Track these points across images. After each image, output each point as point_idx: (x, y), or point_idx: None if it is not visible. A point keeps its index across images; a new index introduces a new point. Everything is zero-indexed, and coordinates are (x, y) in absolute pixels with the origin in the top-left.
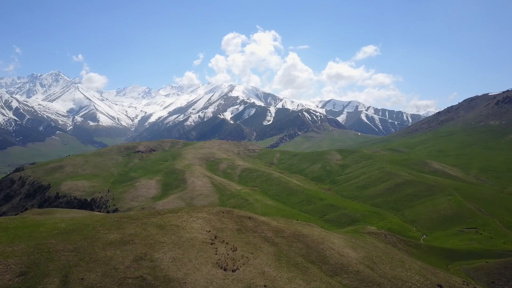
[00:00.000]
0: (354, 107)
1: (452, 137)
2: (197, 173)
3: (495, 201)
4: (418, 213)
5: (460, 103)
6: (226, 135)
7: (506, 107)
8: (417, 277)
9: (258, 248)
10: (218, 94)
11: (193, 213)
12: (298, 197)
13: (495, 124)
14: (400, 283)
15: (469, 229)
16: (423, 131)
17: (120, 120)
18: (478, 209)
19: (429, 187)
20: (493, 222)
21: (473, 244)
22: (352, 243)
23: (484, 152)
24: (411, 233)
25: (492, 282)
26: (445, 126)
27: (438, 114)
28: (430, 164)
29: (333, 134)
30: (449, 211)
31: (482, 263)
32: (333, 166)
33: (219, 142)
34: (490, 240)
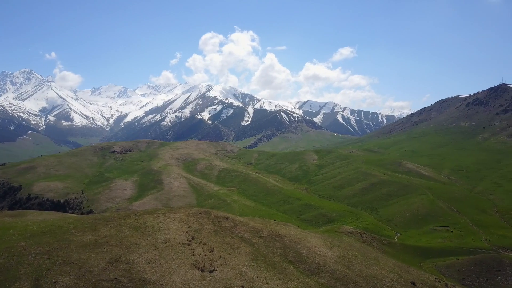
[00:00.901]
0: (331, 108)
1: (425, 137)
2: (174, 174)
3: (465, 200)
4: (393, 212)
5: (433, 104)
6: (203, 136)
7: (476, 109)
8: (391, 275)
9: (236, 248)
10: (195, 94)
11: (169, 214)
12: (276, 197)
13: (465, 125)
14: (375, 281)
15: (441, 228)
16: (398, 132)
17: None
18: (449, 208)
19: (403, 186)
20: (464, 221)
21: (445, 242)
22: (329, 242)
23: (456, 152)
24: (386, 232)
25: (463, 279)
26: (419, 127)
27: (411, 115)
28: (404, 164)
29: (310, 135)
30: (422, 210)
31: (453, 260)
32: (310, 166)
33: (196, 143)
34: (460, 238)
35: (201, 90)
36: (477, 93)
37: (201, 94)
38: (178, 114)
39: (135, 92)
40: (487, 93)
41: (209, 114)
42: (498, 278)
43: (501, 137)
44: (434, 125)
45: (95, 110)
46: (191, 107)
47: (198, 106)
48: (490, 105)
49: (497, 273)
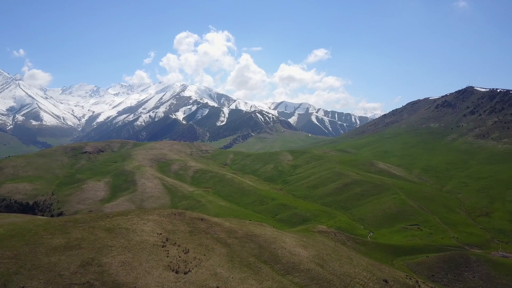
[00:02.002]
0: (305, 109)
1: (396, 138)
2: (147, 175)
3: (435, 199)
4: (366, 211)
5: (404, 106)
6: (178, 136)
7: (445, 110)
8: (364, 273)
9: (211, 249)
10: (170, 94)
11: (143, 216)
12: (251, 197)
13: (435, 127)
14: (348, 279)
15: (411, 226)
16: (370, 132)
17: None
18: (420, 207)
19: (376, 186)
20: (433, 219)
21: (415, 240)
22: (303, 242)
23: (426, 153)
24: (359, 231)
25: (432, 275)
26: (390, 128)
27: (384, 117)
28: (377, 164)
29: (285, 135)
30: (393, 209)
31: (423, 257)
32: (285, 167)
33: (170, 143)
34: (430, 235)
35: (175, 90)
36: (445, 95)
37: (175, 94)
38: (152, 114)
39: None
40: (455, 96)
41: (183, 114)
42: (466, 274)
43: (468, 138)
44: (405, 126)
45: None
46: (166, 107)
47: (173, 106)
48: (458, 107)
49: (464, 269)
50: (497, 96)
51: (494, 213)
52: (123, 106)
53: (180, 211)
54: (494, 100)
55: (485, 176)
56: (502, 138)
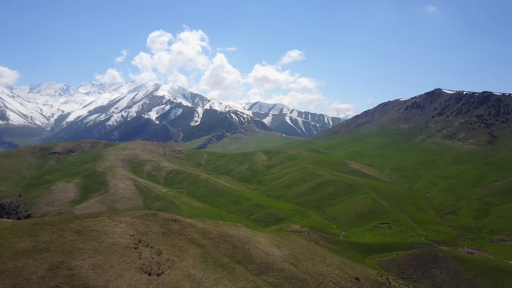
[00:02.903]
0: (279, 109)
1: (368, 139)
2: (119, 176)
3: (404, 198)
4: (338, 210)
5: (375, 107)
6: (151, 136)
7: (414, 112)
8: (337, 272)
9: (184, 250)
10: (142, 93)
11: (115, 217)
12: (225, 198)
13: (405, 127)
14: (321, 278)
15: (382, 225)
16: (343, 133)
17: (34, 119)
18: (390, 205)
19: (348, 186)
20: (403, 217)
21: (386, 238)
22: (277, 241)
23: (396, 153)
24: (332, 230)
25: (402, 272)
26: (362, 129)
27: (356, 118)
28: (349, 164)
29: (260, 136)
30: (365, 208)
31: (393, 255)
32: (259, 167)
33: (143, 143)
34: (400, 234)
35: (148, 89)
36: (415, 97)
37: (148, 93)
38: (124, 114)
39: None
40: (424, 97)
41: (157, 114)
42: (434, 271)
43: (436, 138)
44: (376, 127)
45: (34, 108)
46: (138, 107)
47: (146, 106)
48: (427, 109)
49: (432, 266)
50: (463, 98)
51: (460, 211)
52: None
53: (153, 212)
54: (461, 102)
55: (452, 175)
56: (467, 139)
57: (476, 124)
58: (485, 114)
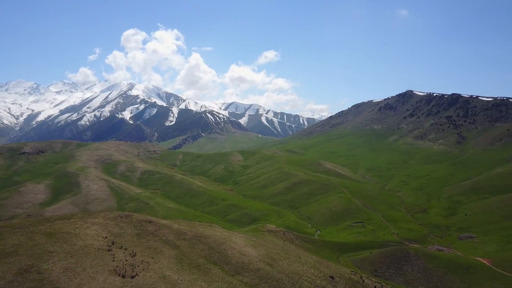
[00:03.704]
0: (255, 110)
1: (342, 139)
2: (92, 176)
3: (377, 197)
4: (313, 210)
5: (349, 108)
6: (125, 136)
7: (387, 113)
8: (312, 271)
9: (159, 252)
10: (116, 93)
11: (87, 219)
12: (201, 198)
13: (378, 128)
14: (297, 277)
15: (356, 224)
16: (317, 133)
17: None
18: (364, 205)
19: (323, 185)
20: (376, 216)
21: (360, 237)
22: (253, 241)
23: (369, 153)
24: (307, 230)
25: (375, 270)
26: (337, 129)
27: (330, 118)
28: (323, 164)
29: (236, 136)
30: (339, 208)
31: (367, 253)
32: (235, 167)
33: (117, 143)
34: (373, 232)
35: (122, 88)
36: (387, 98)
37: (122, 92)
38: (97, 113)
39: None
40: (396, 99)
41: (131, 113)
42: (405, 268)
43: (408, 139)
44: (350, 127)
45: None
46: (112, 106)
47: (119, 105)
48: (399, 110)
49: (404, 263)
50: (433, 100)
51: (431, 210)
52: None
53: (127, 213)
54: (431, 104)
55: (423, 175)
56: (437, 140)
57: (446, 125)
58: (454, 116)
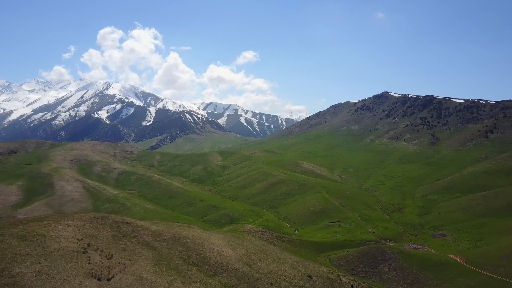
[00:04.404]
0: (234, 110)
1: (320, 139)
2: (67, 177)
3: (354, 197)
4: (291, 210)
5: (327, 109)
6: (101, 136)
7: (363, 113)
8: (290, 270)
9: (136, 253)
10: (92, 92)
11: (62, 221)
12: (179, 199)
13: (355, 129)
14: (275, 277)
15: (334, 223)
16: (296, 134)
17: None
18: (341, 204)
19: (301, 185)
20: (353, 216)
21: (337, 236)
22: (232, 242)
23: (346, 153)
24: (285, 229)
25: (352, 269)
26: (314, 130)
27: (308, 119)
28: (302, 164)
29: (214, 136)
30: (317, 207)
31: (344, 252)
32: (214, 167)
33: (93, 143)
34: (350, 231)
35: (98, 87)
36: (364, 99)
37: (98, 91)
38: (73, 113)
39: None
40: (372, 100)
41: (107, 113)
42: (381, 266)
43: (384, 139)
44: (328, 128)
45: None
46: (87, 106)
47: (95, 105)
48: (375, 111)
49: (380, 261)
50: (408, 101)
51: (406, 209)
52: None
53: (103, 215)
54: (406, 105)
55: (398, 174)
56: (412, 140)
57: (420, 126)
58: (428, 117)
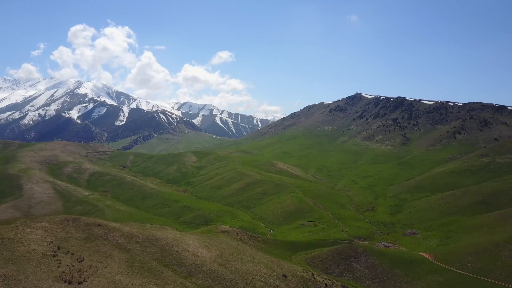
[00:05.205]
0: (209, 110)
1: (294, 140)
2: (36, 178)
3: (328, 196)
4: (266, 210)
5: (301, 110)
6: (72, 136)
7: (337, 114)
8: (265, 270)
9: (109, 256)
10: (63, 91)
11: (30, 224)
12: (153, 200)
13: (328, 129)
14: (250, 277)
15: (308, 222)
16: (271, 134)
17: None
18: (315, 204)
19: (276, 185)
20: (327, 215)
21: (311, 235)
22: (206, 243)
23: (320, 153)
24: (260, 229)
25: (326, 268)
26: (289, 130)
27: (283, 119)
28: (276, 164)
29: (189, 136)
30: (292, 207)
31: (318, 252)
32: (189, 168)
33: (63, 144)
34: (324, 231)
35: (69, 86)
36: (338, 100)
37: (69, 90)
38: (42, 112)
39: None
40: (346, 101)
41: (78, 112)
42: (354, 265)
43: (357, 140)
44: (302, 128)
45: None
46: (58, 105)
47: (66, 104)
48: (348, 112)
49: (353, 260)
50: (381, 103)
51: (378, 208)
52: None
53: (74, 217)
54: (378, 106)
55: (371, 174)
56: (384, 141)
57: (392, 127)
58: (399, 118)
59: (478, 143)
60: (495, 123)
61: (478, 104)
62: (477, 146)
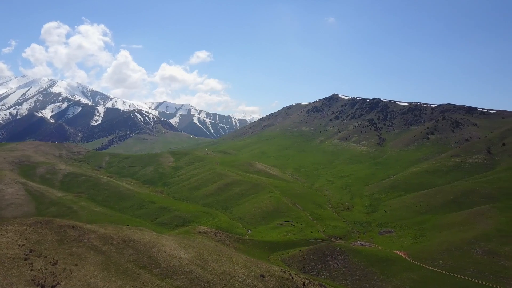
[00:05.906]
0: (187, 110)
1: (272, 140)
2: (6, 180)
3: (305, 196)
4: (244, 210)
5: (279, 110)
6: (45, 136)
7: (314, 115)
8: (243, 270)
9: (84, 258)
10: (35, 89)
11: (1, 226)
12: (129, 201)
13: (306, 130)
14: (228, 277)
15: (285, 222)
16: (249, 134)
17: None
18: (293, 204)
19: (254, 185)
20: (305, 215)
21: (289, 235)
22: (184, 244)
23: (298, 154)
24: (238, 230)
25: (304, 267)
26: (267, 131)
27: (261, 120)
28: (255, 164)
29: (167, 137)
30: (270, 207)
31: (296, 251)
32: (166, 169)
33: (36, 144)
34: (301, 230)
35: (42, 85)
36: (315, 101)
37: (42, 89)
38: (13, 111)
39: None
40: (323, 102)
41: (52, 112)
42: (331, 264)
43: (333, 140)
44: (280, 129)
45: None
46: (30, 104)
47: (39, 103)
48: (325, 112)
49: (330, 259)
50: (357, 104)
51: (354, 207)
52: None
53: (48, 219)
54: (355, 107)
55: (347, 174)
56: (360, 141)
57: (368, 128)
58: (375, 119)
59: (450, 144)
60: (466, 124)
61: (450, 105)
62: (449, 146)
